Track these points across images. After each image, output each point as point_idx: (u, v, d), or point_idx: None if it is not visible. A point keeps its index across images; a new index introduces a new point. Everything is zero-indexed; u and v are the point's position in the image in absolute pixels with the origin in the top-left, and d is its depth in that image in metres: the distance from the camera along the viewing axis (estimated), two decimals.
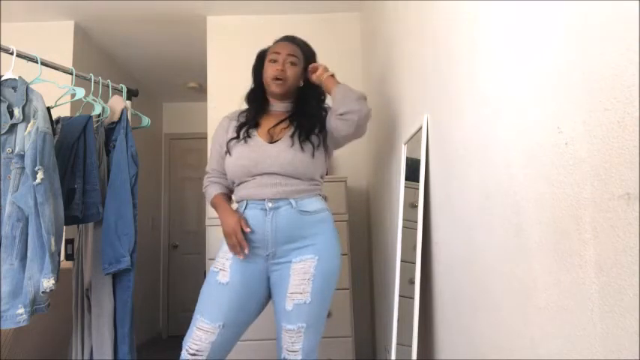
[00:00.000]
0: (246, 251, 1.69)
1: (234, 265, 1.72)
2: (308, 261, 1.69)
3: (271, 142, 1.79)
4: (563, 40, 0.87)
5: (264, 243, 1.71)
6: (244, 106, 1.96)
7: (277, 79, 1.82)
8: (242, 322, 1.73)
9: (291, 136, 1.79)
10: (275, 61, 1.84)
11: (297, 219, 1.71)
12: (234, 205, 1.84)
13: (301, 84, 1.91)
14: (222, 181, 1.89)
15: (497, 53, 1.15)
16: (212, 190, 1.89)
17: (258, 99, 1.92)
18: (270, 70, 1.84)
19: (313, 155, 1.78)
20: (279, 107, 1.90)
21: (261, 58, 1.94)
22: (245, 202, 1.76)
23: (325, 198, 1.90)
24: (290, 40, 1.91)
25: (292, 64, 1.85)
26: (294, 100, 1.91)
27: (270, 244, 1.71)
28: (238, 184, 1.81)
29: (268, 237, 1.71)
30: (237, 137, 1.82)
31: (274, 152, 1.75)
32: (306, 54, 1.91)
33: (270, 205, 1.71)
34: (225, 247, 1.77)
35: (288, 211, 1.71)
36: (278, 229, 1.70)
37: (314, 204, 1.76)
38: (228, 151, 1.82)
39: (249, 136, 1.81)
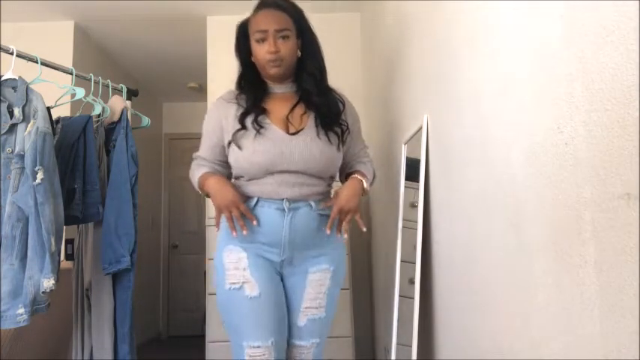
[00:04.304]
0: (254, 222, 1.48)
1: (255, 272, 1.49)
2: (324, 272, 1.55)
3: (292, 134, 1.54)
4: (563, 40, 0.87)
5: (279, 247, 1.51)
6: None
7: (273, 61, 1.55)
8: (285, 331, 1.53)
9: (315, 125, 1.56)
10: (263, 40, 1.55)
11: (317, 222, 1.53)
12: None
13: (299, 54, 1.61)
14: (216, 168, 1.63)
15: (497, 53, 1.15)
16: (201, 170, 1.62)
17: (253, 83, 1.63)
18: (261, 53, 1.55)
19: (339, 148, 1.59)
20: (281, 89, 1.63)
21: (243, 32, 1.63)
22: (256, 198, 1.52)
23: None
24: (272, 6, 1.59)
25: (284, 38, 1.55)
26: (296, 76, 1.63)
27: (287, 249, 1.51)
28: (248, 180, 1.56)
29: (286, 240, 1.50)
30: (245, 127, 1.54)
31: (300, 146, 1.51)
32: (295, 17, 1.60)
33: (288, 205, 1.50)
34: (234, 256, 1.52)
35: (308, 213, 1.52)
36: (296, 232, 1.50)
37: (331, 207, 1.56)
38: (234, 144, 1.54)
39: (261, 126, 1.53)
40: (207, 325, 2.88)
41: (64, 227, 1.87)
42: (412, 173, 1.89)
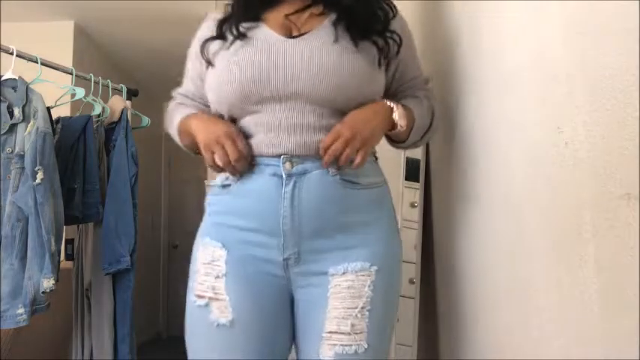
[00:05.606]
0: (244, 154, 0.97)
1: (234, 284, 0.98)
2: (360, 274, 0.98)
3: (292, 37, 1.01)
4: (563, 39, 0.87)
5: (279, 238, 0.98)
6: None
7: None
8: None
9: (334, 24, 1.01)
10: None
11: (338, 194, 0.99)
12: (219, 179, 1.08)
13: None
14: (198, 105, 1.17)
15: (498, 53, 1.15)
16: (181, 112, 1.18)
17: None
18: None
19: (379, 64, 1.03)
20: None
21: None
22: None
23: (376, 158, 1.16)
24: None
25: None
26: None
27: (291, 241, 0.98)
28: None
29: (287, 227, 0.97)
30: (222, 37, 1.04)
31: (304, 53, 0.97)
32: None
33: (288, 167, 0.96)
34: (208, 253, 1.01)
35: (322, 179, 0.97)
36: (302, 213, 0.96)
37: (366, 168, 1.02)
38: (209, 63, 1.06)
39: (244, 35, 1.01)
40: None
41: (64, 227, 1.88)
42: (412, 173, 1.89)
